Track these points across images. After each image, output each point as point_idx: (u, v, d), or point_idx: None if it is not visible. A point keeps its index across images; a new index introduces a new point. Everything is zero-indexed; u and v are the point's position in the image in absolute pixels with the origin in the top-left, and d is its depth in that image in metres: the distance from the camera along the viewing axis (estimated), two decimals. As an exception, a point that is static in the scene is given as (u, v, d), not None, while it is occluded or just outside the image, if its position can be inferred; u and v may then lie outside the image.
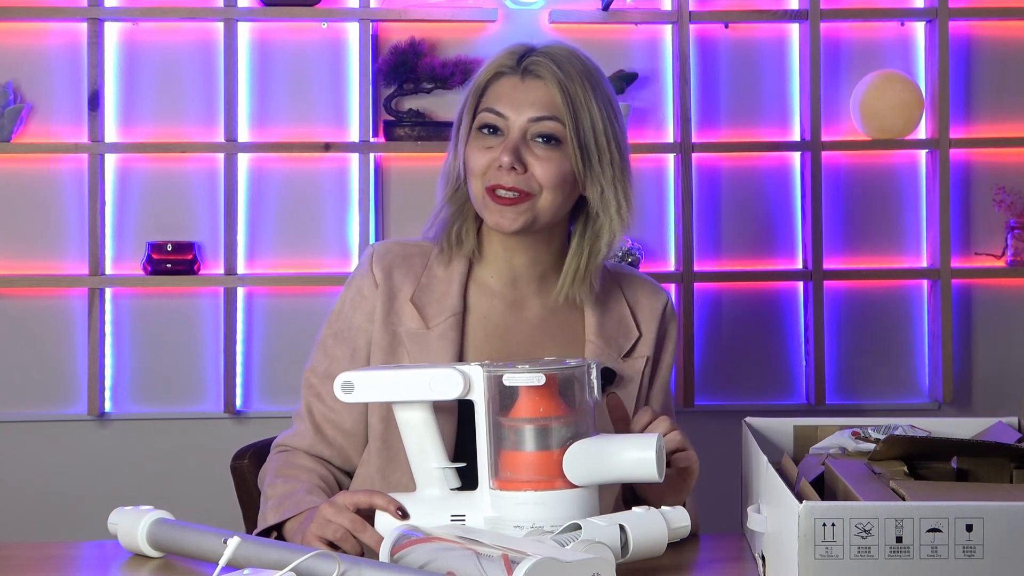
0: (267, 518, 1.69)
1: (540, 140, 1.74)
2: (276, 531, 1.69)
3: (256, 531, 1.68)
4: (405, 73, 3.11)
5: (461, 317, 1.78)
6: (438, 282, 1.80)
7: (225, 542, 1.37)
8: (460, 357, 1.77)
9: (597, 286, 1.81)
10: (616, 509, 1.71)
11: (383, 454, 1.76)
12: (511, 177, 1.72)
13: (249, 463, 2.02)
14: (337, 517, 1.52)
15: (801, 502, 1.20)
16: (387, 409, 1.75)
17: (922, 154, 3.21)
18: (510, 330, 1.80)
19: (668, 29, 3.19)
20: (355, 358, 1.80)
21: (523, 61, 1.77)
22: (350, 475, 1.82)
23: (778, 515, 1.30)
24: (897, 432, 1.57)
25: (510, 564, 1.21)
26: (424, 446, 1.52)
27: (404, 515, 1.50)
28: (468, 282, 1.81)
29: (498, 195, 1.72)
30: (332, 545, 1.52)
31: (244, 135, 3.16)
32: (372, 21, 3.13)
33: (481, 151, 1.75)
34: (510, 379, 1.45)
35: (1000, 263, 3.18)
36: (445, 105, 3.17)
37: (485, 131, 1.76)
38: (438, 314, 1.78)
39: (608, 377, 1.77)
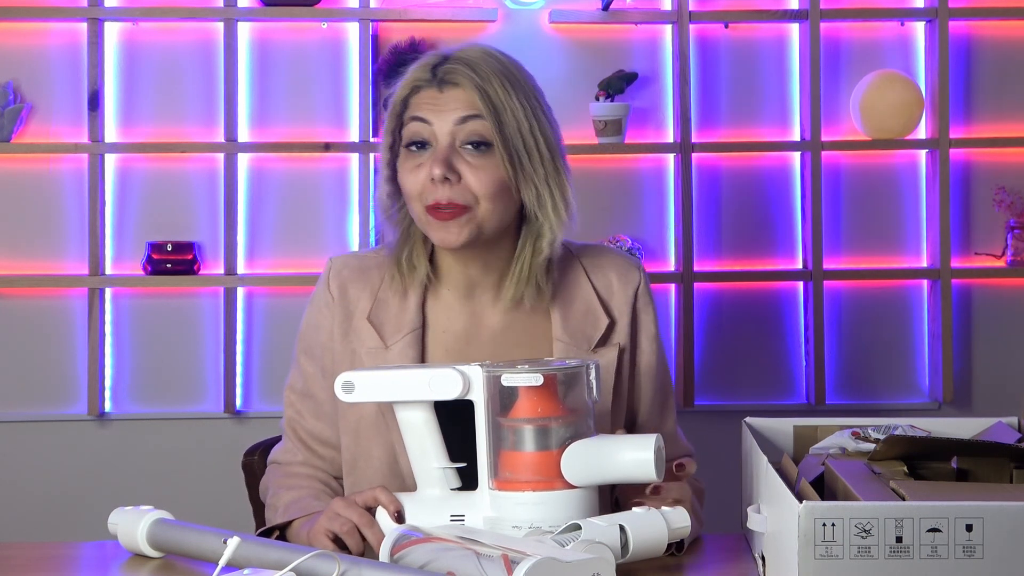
0: (274, 520, 1.70)
1: (470, 147, 1.68)
2: (278, 532, 1.69)
3: (259, 531, 1.69)
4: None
5: (420, 332, 1.75)
6: (396, 296, 1.77)
7: (225, 542, 1.37)
8: None
9: (548, 288, 1.76)
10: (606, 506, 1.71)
11: (350, 478, 1.76)
12: (445, 190, 1.66)
13: (259, 460, 2.03)
14: (346, 511, 1.53)
15: (801, 502, 1.20)
16: (356, 433, 1.74)
17: (922, 154, 3.21)
18: (472, 341, 1.76)
19: (668, 29, 3.19)
20: (325, 375, 1.77)
21: (437, 71, 1.71)
22: None
23: (778, 515, 1.30)
24: (897, 432, 1.57)
25: (510, 564, 1.21)
26: (424, 446, 1.52)
27: (400, 518, 1.50)
28: (425, 295, 1.77)
29: (438, 209, 1.67)
30: (338, 540, 1.53)
31: (244, 135, 3.16)
32: (372, 21, 3.13)
33: (413, 171, 1.69)
34: (509, 379, 1.45)
35: (1000, 263, 3.18)
36: (445, 105, 3.16)
37: (413, 148, 1.70)
38: (396, 332, 1.75)
39: None
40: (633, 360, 1.80)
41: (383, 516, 1.51)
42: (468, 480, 1.52)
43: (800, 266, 3.20)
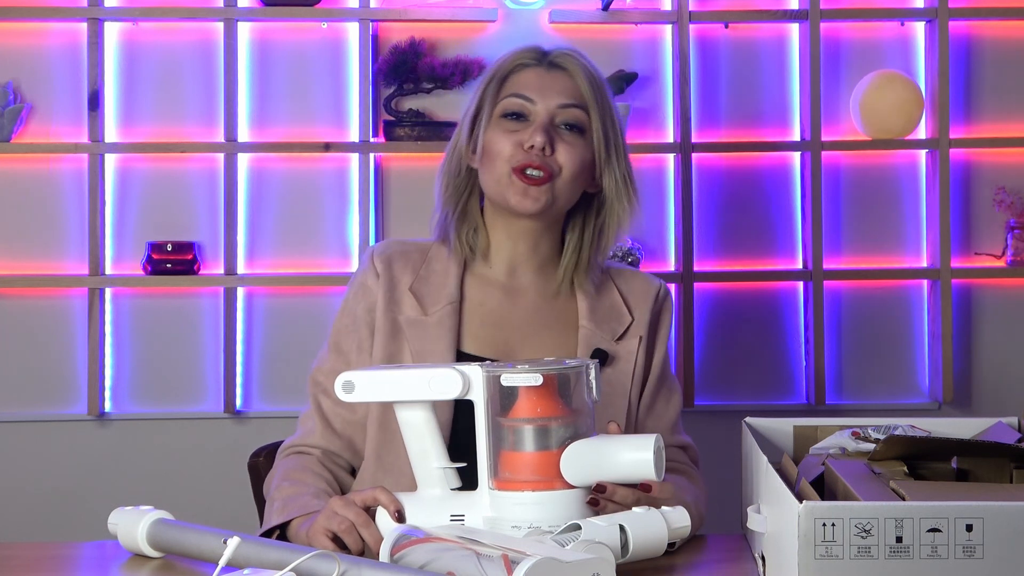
0: (272, 519, 1.70)
1: (566, 128, 1.81)
2: (279, 531, 1.69)
3: (260, 531, 1.69)
4: (405, 73, 3.11)
5: (458, 305, 1.84)
6: (436, 275, 1.86)
7: (225, 542, 1.37)
8: (457, 344, 1.81)
9: (597, 277, 1.89)
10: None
11: (379, 461, 1.79)
12: (539, 157, 1.78)
13: (265, 461, 2.04)
14: (344, 510, 1.54)
15: (801, 502, 1.20)
16: (384, 414, 1.77)
17: (922, 154, 3.21)
18: (506, 317, 1.85)
19: (668, 29, 3.19)
20: (362, 349, 1.84)
21: (547, 56, 1.85)
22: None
23: (778, 515, 1.30)
24: (897, 432, 1.57)
25: (510, 564, 1.21)
26: (424, 446, 1.52)
27: (400, 518, 1.50)
28: (465, 274, 1.87)
29: (526, 174, 1.79)
30: (336, 539, 1.53)
31: (244, 135, 3.16)
32: (372, 21, 3.13)
33: (506, 134, 1.81)
34: (508, 379, 1.45)
35: (1000, 263, 3.18)
36: (445, 105, 3.16)
37: (510, 118, 1.82)
38: (436, 302, 1.83)
39: (601, 358, 1.82)
40: (651, 348, 1.89)
41: (383, 516, 1.51)
42: (468, 480, 1.52)
43: (800, 266, 3.20)
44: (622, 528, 1.40)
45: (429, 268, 1.87)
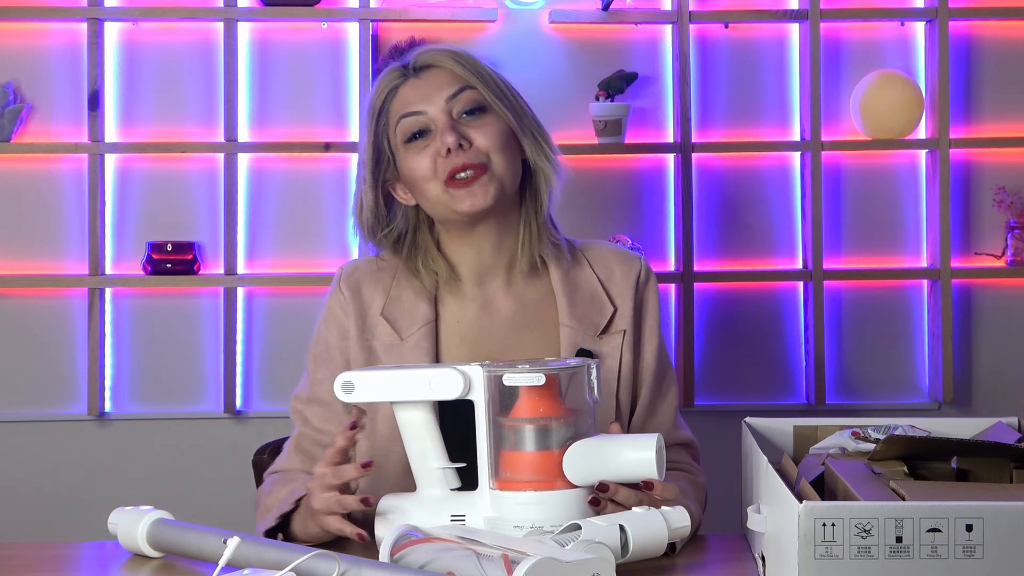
0: (272, 517, 1.69)
1: (468, 114, 1.76)
2: (282, 533, 1.68)
3: (263, 531, 1.68)
4: (405, 73, 3.11)
5: (434, 325, 1.79)
6: (408, 293, 1.81)
7: (225, 542, 1.37)
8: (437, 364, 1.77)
9: (561, 243, 1.83)
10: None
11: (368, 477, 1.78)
12: (461, 156, 1.73)
13: (269, 458, 2.04)
14: (319, 485, 1.54)
15: (801, 502, 1.20)
16: (372, 434, 1.77)
17: (922, 154, 3.21)
18: (484, 330, 1.80)
19: (668, 29, 3.19)
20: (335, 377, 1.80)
21: (408, 66, 1.79)
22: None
23: (778, 515, 1.30)
24: (897, 432, 1.57)
25: (510, 564, 1.21)
26: (424, 446, 1.53)
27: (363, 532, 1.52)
28: (437, 291, 1.82)
29: (457, 179, 1.73)
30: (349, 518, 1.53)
31: (244, 135, 3.16)
32: (372, 21, 3.13)
33: (419, 155, 1.76)
34: (510, 379, 1.45)
35: (1000, 263, 3.18)
36: (445, 105, 3.16)
37: (413, 139, 1.76)
38: (410, 325, 1.79)
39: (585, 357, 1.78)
40: (638, 340, 1.83)
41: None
42: (468, 480, 1.52)
43: (800, 266, 3.20)
44: (622, 528, 1.40)
45: (400, 287, 1.82)
